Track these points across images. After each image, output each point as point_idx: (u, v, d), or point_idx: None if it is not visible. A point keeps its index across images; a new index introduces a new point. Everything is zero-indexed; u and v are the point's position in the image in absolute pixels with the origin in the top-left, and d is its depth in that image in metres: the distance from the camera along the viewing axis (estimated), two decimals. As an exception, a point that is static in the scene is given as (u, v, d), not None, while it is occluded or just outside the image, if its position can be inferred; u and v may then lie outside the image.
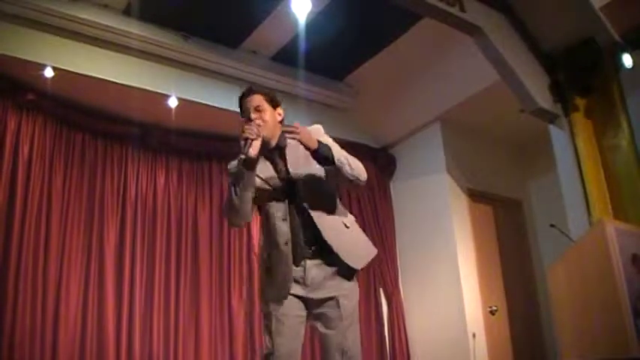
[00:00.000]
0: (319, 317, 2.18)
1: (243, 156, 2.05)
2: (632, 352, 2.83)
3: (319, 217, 2.19)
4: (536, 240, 5.93)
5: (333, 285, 2.18)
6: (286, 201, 2.21)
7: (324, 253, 2.19)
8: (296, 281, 2.18)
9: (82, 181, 4.61)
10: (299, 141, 2.11)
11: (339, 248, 2.18)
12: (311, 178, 2.22)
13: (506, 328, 5.30)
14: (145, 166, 4.98)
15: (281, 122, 2.31)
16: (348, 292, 2.21)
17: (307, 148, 2.12)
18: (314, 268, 2.18)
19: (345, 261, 2.18)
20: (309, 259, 2.20)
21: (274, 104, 2.29)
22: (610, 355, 2.92)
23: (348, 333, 2.16)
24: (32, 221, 4.20)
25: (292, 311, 2.17)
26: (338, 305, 2.15)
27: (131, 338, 4.42)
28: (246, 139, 2.06)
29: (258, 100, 2.24)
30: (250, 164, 2.08)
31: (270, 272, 2.22)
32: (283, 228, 2.18)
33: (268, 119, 2.22)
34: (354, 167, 2.20)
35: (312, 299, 2.17)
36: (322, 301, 2.17)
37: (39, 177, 4.34)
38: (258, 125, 2.15)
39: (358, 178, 2.22)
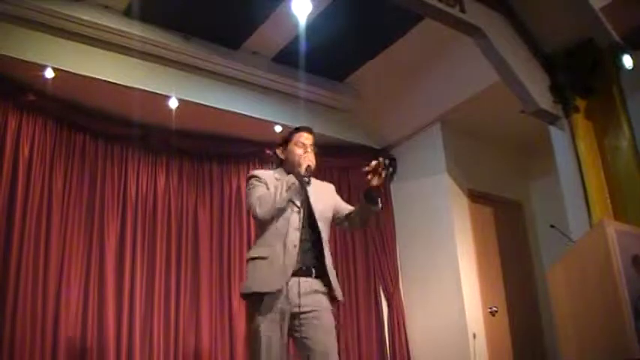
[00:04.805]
0: (303, 328, 2.53)
1: (306, 178, 2.64)
2: (633, 353, 2.83)
3: (325, 245, 2.67)
4: (536, 241, 5.94)
5: (316, 300, 2.58)
6: (301, 215, 2.65)
7: (318, 274, 2.62)
8: (283, 296, 2.53)
9: (83, 182, 4.62)
10: (378, 179, 2.58)
11: (332, 281, 2.64)
12: (325, 214, 2.73)
13: (507, 328, 5.31)
14: (145, 167, 4.98)
15: None
16: (328, 311, 2.62)
17: (373, 185, 2.60)
18: (298, 285, 2.55)
19: (335, 293, 2.64)
20: (299, 275, 2.58)
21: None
22: (610, 356, 2.92)
23: (330, 342, 2.55)
24: (33, 222, 4.20)
25: (279, 331, 2.51)
26: (320, 317, 2.56)
27: (131, 338, 4.42)
28: (309, 166, 2.65)
29: (312, 140, 2.82)
30: (308, 184, 2.67)
31: (265, 264, 2.58)
32: (295, 235, 2.60)
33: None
34: None
35: (296, 313, 2.52)
36: (306, 313, 2.53)
37: (39, 177, 4.34)
38: (313, 162, 2.71)
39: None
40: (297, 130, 2.85)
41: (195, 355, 4.67)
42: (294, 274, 2.56)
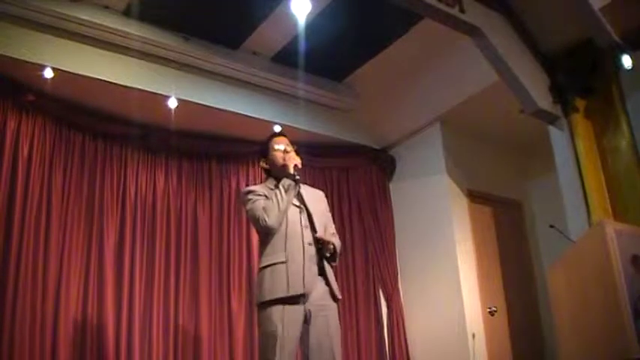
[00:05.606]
0: (314, 326, 2.62)
1: (298, 177, 2.78)
2: (632, 353, 2.83)
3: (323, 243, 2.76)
4: (535, 241, 5.94)
5: (326, 304, 2.70)
6: (305, 214, 2.78)
7: (323, 272, 2.73)
8: (302, 297, 2.61)
9: (82, 182, 4.61)
10: (327, 247, 2.76)
11: (329, 277, 2.74)
12: (317, 212, 2.85)
13: (506, 328, 5.31)
14: (144, 167, 4.97)
15: None
16: (335, 310, 2.74)
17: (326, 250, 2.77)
18: (316, 285, 2.68)
19: (332, 288, 2.72)
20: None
21: None
22: (610, 356, 2.92)
23: (337, 339, 2.67)
24: (32, 221, 4.19)
25: (296, 330, 2.58)
26: (328, 320, 2.66)
27: (131, 338, 4.41)
28: (295, 165, 2.81)
29: (288, 141, 3.00)
30: (298, 183, 2.81)
31: (284, 268, 2.63)
32: (307, 233, 2.73)
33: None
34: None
35: (309, 311, 2.63)
36: (319, 312, 2.64)
37: (39, 177, 4.34)
38: (298, 160, 2.88)
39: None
40: (271, 138, 3.04)
41: (194, 352, 4.66)
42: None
